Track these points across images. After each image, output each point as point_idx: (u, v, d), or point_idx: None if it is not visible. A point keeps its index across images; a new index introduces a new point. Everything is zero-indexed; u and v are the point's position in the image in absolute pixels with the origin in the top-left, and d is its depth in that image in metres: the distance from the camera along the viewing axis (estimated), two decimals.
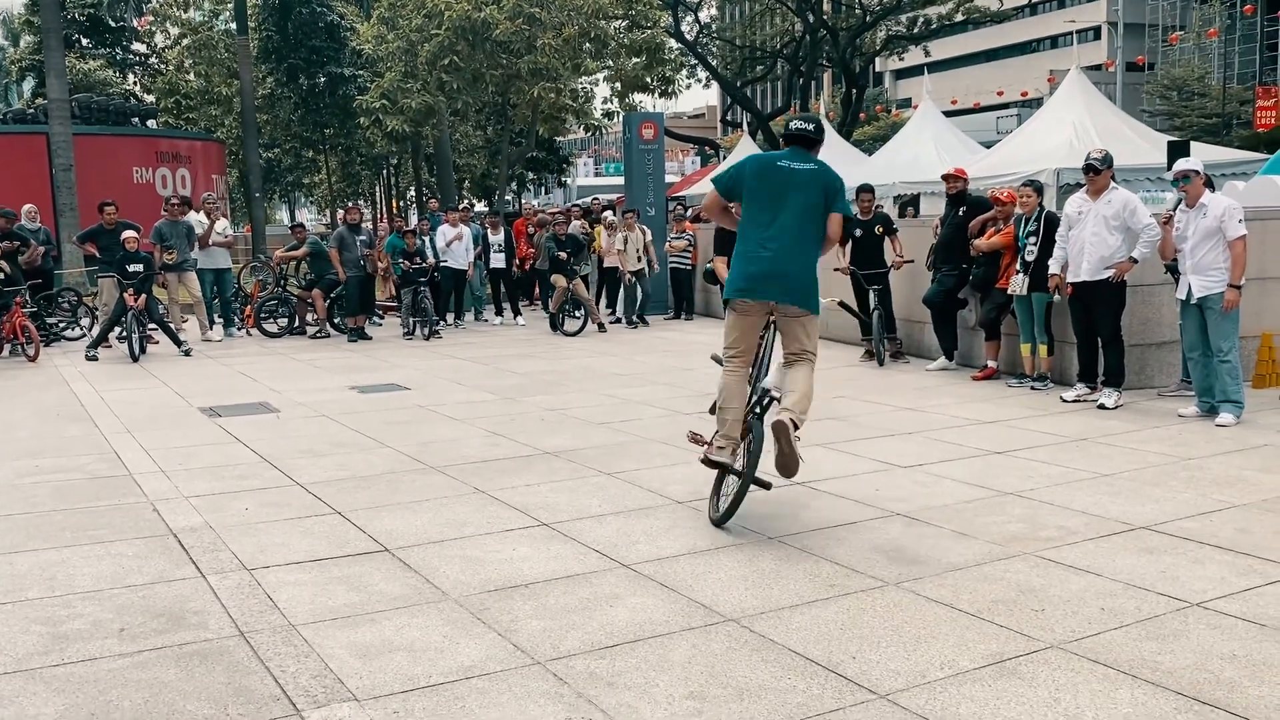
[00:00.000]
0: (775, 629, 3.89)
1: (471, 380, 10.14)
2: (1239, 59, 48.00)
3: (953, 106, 44.79)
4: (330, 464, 6.67)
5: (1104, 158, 8.01)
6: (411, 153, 35.68)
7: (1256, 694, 3.29)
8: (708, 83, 40.68)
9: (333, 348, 13.21)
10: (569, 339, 13.77)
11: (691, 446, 6.31)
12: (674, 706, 3.28)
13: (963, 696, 3.31)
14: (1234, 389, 7.40)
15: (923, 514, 5.33)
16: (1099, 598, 4.14)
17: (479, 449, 7.02)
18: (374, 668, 3.60)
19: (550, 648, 3.74)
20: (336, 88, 31.34)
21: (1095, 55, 51.10)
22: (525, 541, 4.98)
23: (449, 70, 22.44)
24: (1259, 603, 4.05)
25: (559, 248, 14.51)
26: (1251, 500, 5.46)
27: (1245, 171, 16.25)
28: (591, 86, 28.46)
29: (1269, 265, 8.98)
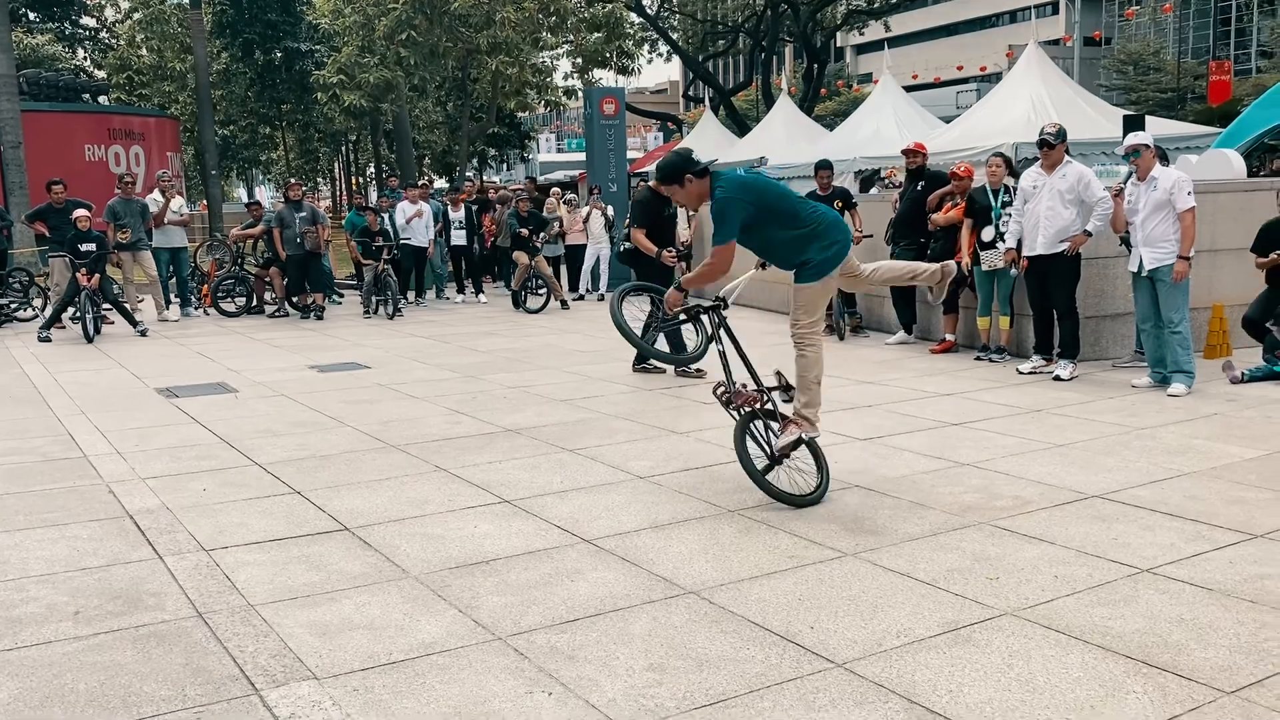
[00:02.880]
0: (735, 600, 3.92)
1: (433, 358, 10.09)
2: (1193, 33, 48.54)
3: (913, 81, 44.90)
4: (289, 443, 6.62)
5: (1058, 132, 8.08)
6: (370, 129, 35.28)
7: (1202, 656, 3.37)
8: (669, 57, 40.48)
9: (292, 327, 13.08)
10: (532, 316, 13.73)
11: (661, 425, 6.36)
12: (634, 678, 3.31)
13: (918, 664, 3.37)
14: (1185, 359, 7.53)
15: (881, 485, 5.39)
16: (1052, 565, 4.21)
17: (440, 427, 6.99)
18: (334, 646, 3.59)
19: (511, 623, 3.76)
20: (293, 63, 30.89)
21: (1053, 30, 51.42)
22: (487, 519, 4.98)
23: (407, 44, 22.19)
24: (1206, 568, 4.14)
25: (521, 224, 14.44)
26: (1201, 468, 5.57)
27: (1199, 145, 16.47)
28: (552, 62, 28.28)
29: (1220, 237, 9.13)
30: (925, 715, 3.04)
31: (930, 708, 3.08)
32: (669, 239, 8.82)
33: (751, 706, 3.12)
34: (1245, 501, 4.96)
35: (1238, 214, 9.23)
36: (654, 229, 8.68)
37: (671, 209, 8.93)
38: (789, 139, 23.92)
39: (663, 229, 8.78)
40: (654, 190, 8.71)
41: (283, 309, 14.20)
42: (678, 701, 3.15)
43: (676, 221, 9.02)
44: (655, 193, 8.69)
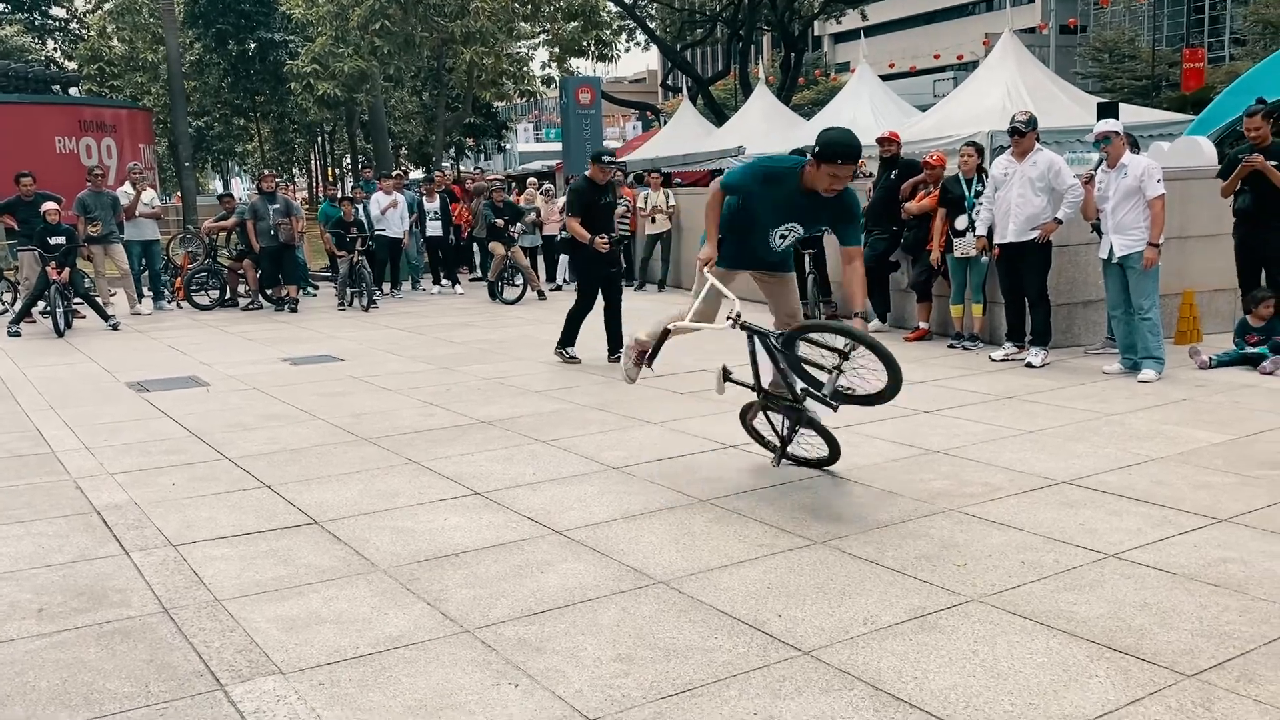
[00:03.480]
0: (704, 590, 3.93)
1: (407, 350, 10.05)
2: (1168, 21, 48.81)
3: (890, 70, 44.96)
4: (260, 437, 6.58)
5: (1028, 120, 8.11)
6: (346, 119, 35.07)
7: (1164, 639, 3.40)
8: (647, 46, 40.38)
9: (265, 319, 13.00)
10: (508, 307, 13.70)
11: (635, 416, 6.35)
12: (601, 669, 3.31)
13: (884, 651, 3.38)
14: (1155, 346, 7.59)
15: (851, 473, 5.41)
16: (1020, 551, 4.24)
17: (413, 419, 6.97)
18: (300, 640, 3.57)
19: (480, 616, 3.75)
20: (267, 53, 30.66)
21: (1029, 18, 51.60)
22: (457, 511, 4.97)
23: (381, 34, 22.05)
24: (1171, 552, 4.17)
25: (496, 214, 14.39)
26: (1169, 454, 5.62)
27: (1171, 132, 16.55)
28: (529, 51, 28.17)
29: (1190, 224, 9.19)
30: (890, 702, 3.05)
31: (895, 694, 3.09)
32: (605, 226, 8.94)
33: (718, 695, 3.12)
34: (1211, 486, 5.01)
35: (1208, 201, 9.28)
36: (590, 217, 8.84)
37: (608, 198, 9.06)
38: (767, 128, 23.87)
39: (598, 217, 8.91)
40: (590, 179, 8.92)
41: (256, 301, 14.11)
42: (644, 691, 3.16)
43: (614, 210, 9.15)
44: (591, 181, 8.96)
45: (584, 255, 8.95)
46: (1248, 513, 4.60)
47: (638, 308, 12.87)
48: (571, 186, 9.52)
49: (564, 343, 9.11)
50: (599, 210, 8.94)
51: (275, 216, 13.64)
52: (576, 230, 8.79)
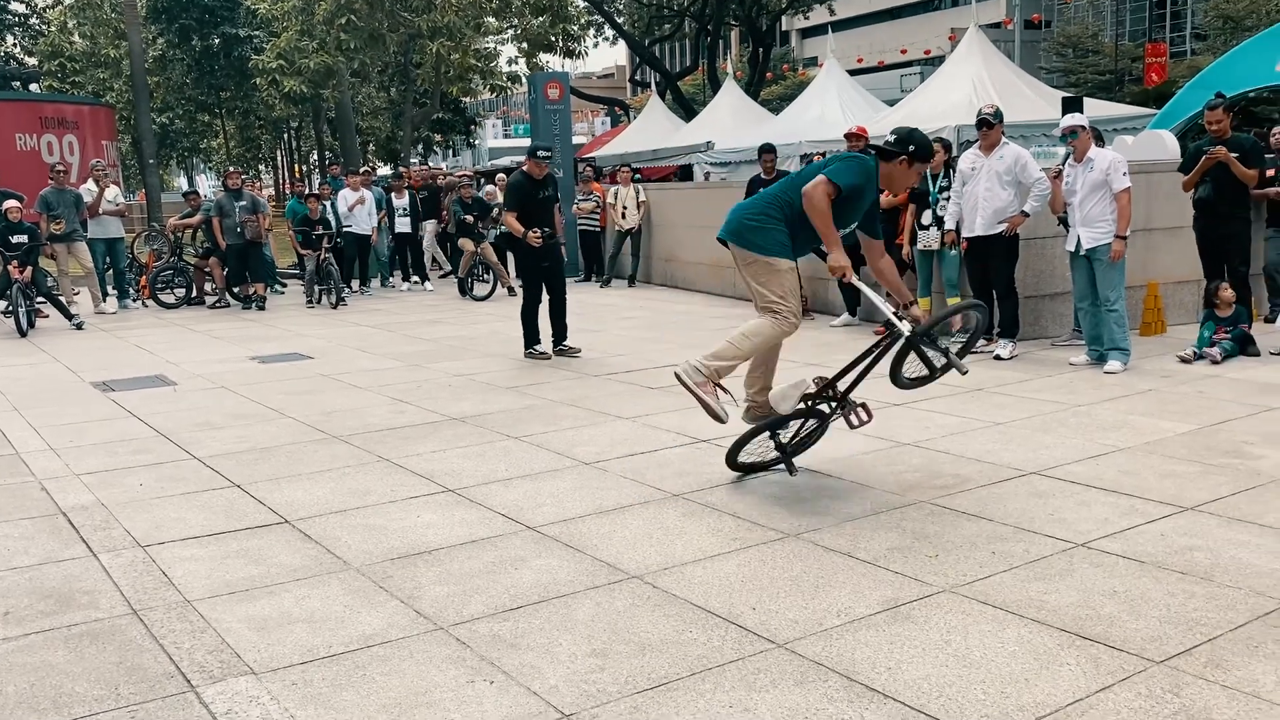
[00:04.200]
0: (678, 584, 3.94)
1: (377, 348, 9.99)
2: (1130, 16, 49.32)
3: (857, 65, 45.23)
4: (229, 436, 6.52)
5: (995, 113, 8.18)
6: (312, 115, 34.79)
7: (1133, 627, 3.44)
8: (615, 41, 40.32)
9: (232, 318, 12.88)
10: (478, 303, 13.65)
11: (606, 411, 6.32)
12: (576, 664, 3.30)
13: (858, 642, 3.40)
14: (1121, 337, 7.67)
15: (824, 466, 5.44)
16: (990, 542, 4.28)
17: (383, 417, 6.93)
18: (272, 640, 3.54)
19: (454, 613, 3.73)
20: (231, 48, 30.36)
21: (994, 13, 51.95)
22: (430, 508, 4.95)
23: (347, 29, 21.88)
24: (1139, 541, 4.23)
25: (465, 211, 14.33)
26: (1136, 444, 5.69)
27: (1135, 126, 16.75)
28: (496, 46, 28.05)
29: (1155, 217, 9.30)
30: (864, 693, 3.07)
31: (869, 685, 3.11)
32: (544, 220, 8.94)
33: (693, 689, 3.13)
34: (1177, 475, 5.07)
35: (1172, 193, 9.39)
36: (528, 212, 8.85)
37: (546, 192, 9.03)
38: (735, 123, 23.94)
39: (536, 212, 8.90)
40: (527, 174, 8.94)
41: (223, 300, 13.97)
42: (619, 686, 3.16)
43: (554, 205, 9.12)
44: (528, 176, 8.97)
45: (521, 250, 9.02)
46: (1212, 501, 4.67)
47: (609, 303, 12.89)
48: (509, 182, 9.55)
49: (529, 342, 9.09)
50: (537, 205, 8.95)
51: (241, 214, 13.49)
52: (512, 225, 8.86)
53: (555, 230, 9.11)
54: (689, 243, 14.41)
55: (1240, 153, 7.92)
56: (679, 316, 11.67)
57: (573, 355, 9.00)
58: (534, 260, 8.97)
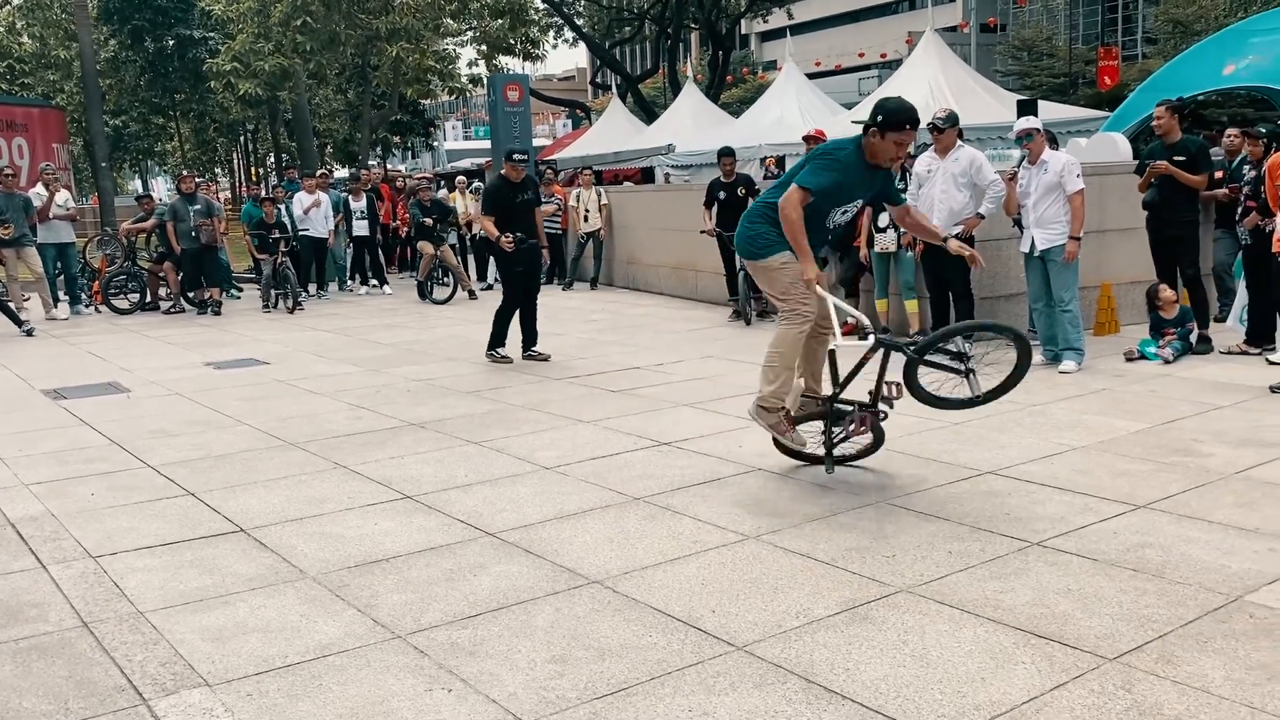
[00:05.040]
0: (638, 588, 3.93)
1: (334, 353, 9.90)
2: (1083, 20, 50.07)
3: (816, 69, 45.55)
4: (183, 444, 6.43)
5: (947, 117, 8.25)
6: (269, 118, 34.41)
7: (1087, 625, 3.48)
8: (575, 44, 40.28)
9: (187, 323, 12.71)
10: (438, 307, 13.56)
11: (568, 415, 6.31)
12: (535, 671, 3.29)
13: (816, 644, 3.41)
14: (1076, 337, 7.77)
15: (783, 467, 5.46)
16: (947, 541, 4.31)
17: (341, 423, 6.86)
18: (227, 651, 3.49)
19: (411, 621, 3.70)
20: (186, 50, 29.99)
21: (950, 17, 52.49)
22: (388, 515, 4.91)
23: (304, 31, 21.68)
24: (1093, 539, 4.28)
25: (424, 214, 14.24)
26: (1090, 442, 5.76)
27: (1088, 129, 16.99)
28: (455, 49, 27.91)
29: (1108, 218, 9.44)
30: (822, 695, 3.08)
31: (828, 686, 3.13)
32: (525, 224, 8.87)
33: (652, 693, 3.12)
34: (1130, 474, 5.15)
35: (1125, 195, 9.54)
36: (508, 216, 8.78)
37: (525, 195, 8.95)
38: (696, 126, 23.99)
39: (514, 216, 8.82)
40: (504, 178, 8.84)
41: (178, 305, 13.79)
42: (579, 692, 3.15)
43: (534, 208, 9.06)
44: (506, 180, 8.84)
45: (502, 253, 8.94)
46: (1164, 499, 4.74)
47: (571, 305, 12.86)
48: (486, 187, 9.48)
49: (494, 343, 9.05)
50: (518, 209, 8.86)
51: (196, 218, 13.32)
52: (487, 228, 8.79)
53: (537, 234, 9.04)
54: (650, 245, 14.42)
55: (1188, 156, 8.05)
56: (641, 319, 11.67)
57: (540, 360, 8.93)
58: (513, 264, 8.88)
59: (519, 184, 8.89)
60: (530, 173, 16.17)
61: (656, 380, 7.99)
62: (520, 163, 9.00)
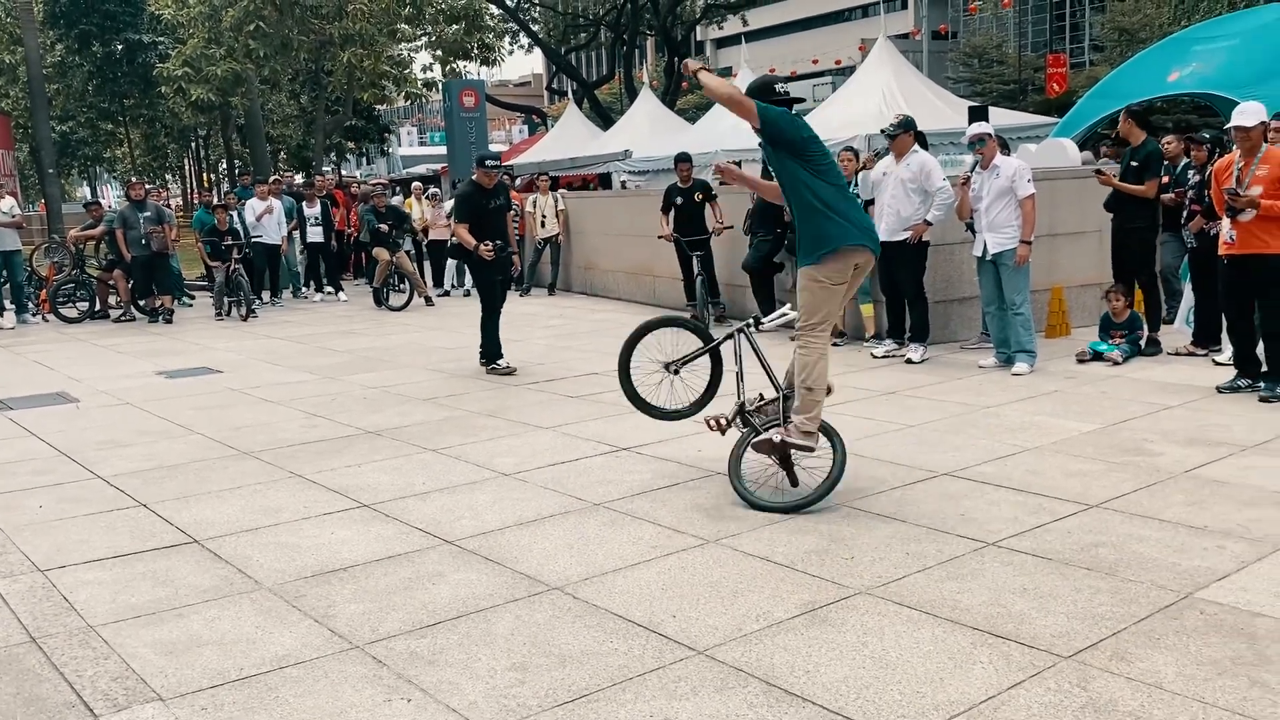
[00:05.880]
0: (598, 594, 3.92)
1: (288, 360, 9.79)
2: (1032, 28, 50.85)
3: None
4: (135, 454, 6.32)
5: (900, 123, 8.34)
6: (221, 124, 33.97)
7: (1043, 624, 3.53)
8: (531, 49, 40.23)
9: (138, 332, 12.51)
10: (394, 314, 13.46)
11: (526, 421, 6.26)
12: (496, 679, 3.27)
13: (777, 646, 3.42)
14: (1028, 340, 7.88)
15: (742, 470, 5.46)
16: (904, 543, 4.35)
17: (296, 431, 6.78)
18: (180, 664, 3.44)
19: (369, 631, 3.66)
20: (135, 55, 29.53)
21: (903, 24, 53.07)
22: (345, 524, 4.86)
23: (256, 36, 21.44)
24: (1047, 539, 4.34)
25: (379, 220, 14.13)
26: (1043, 443, 5.84)
27: (1038, 134, 17.25)
28: (410, 54, 27.75)
29: (1058, 223, 9.58)
30: (783, 697, 3.09)
31: (789, 689, 3.14)
32: (498, 230, 8.72)
33: (614, 700, 3.12)
34: (1082, 474, 5.22)
35: (1074, 199, 9.71)
36: (480, 223, 8.60)
37: (498, 201, 8.82)
38: (652, 132, 24.02)
39: (489, 222, 8.67)
40: (476, 184, 8.67)
41: (128, 313, 13.57)
42: (540, 700, 3.13)
43: (505, 214, 8.95)
44: (478, 186, 8.65)
45: (477, 263, 8.73)
46: (1116, 498, 4.82)
47: (529, 312, 12.82)
48: (458, 193, 9.26)
49: (492, 356, 8.77)
50: (489, 215, 8.70)
51: (146, 225, 13.11)
52: (464, 237, 8.54)
53: (509, 240, 8.91)
54: (608, 250, 14.42)
55: (1138, 161, 8.21)
56: (598, 324, 11.66)
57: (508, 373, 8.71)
58: (490, 273, 8.74)
59: (491, 190, 8.74)
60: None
61: (615, 386, 7.94)
62: (493, 168, 8.85)
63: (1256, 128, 6.60)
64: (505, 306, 8.97)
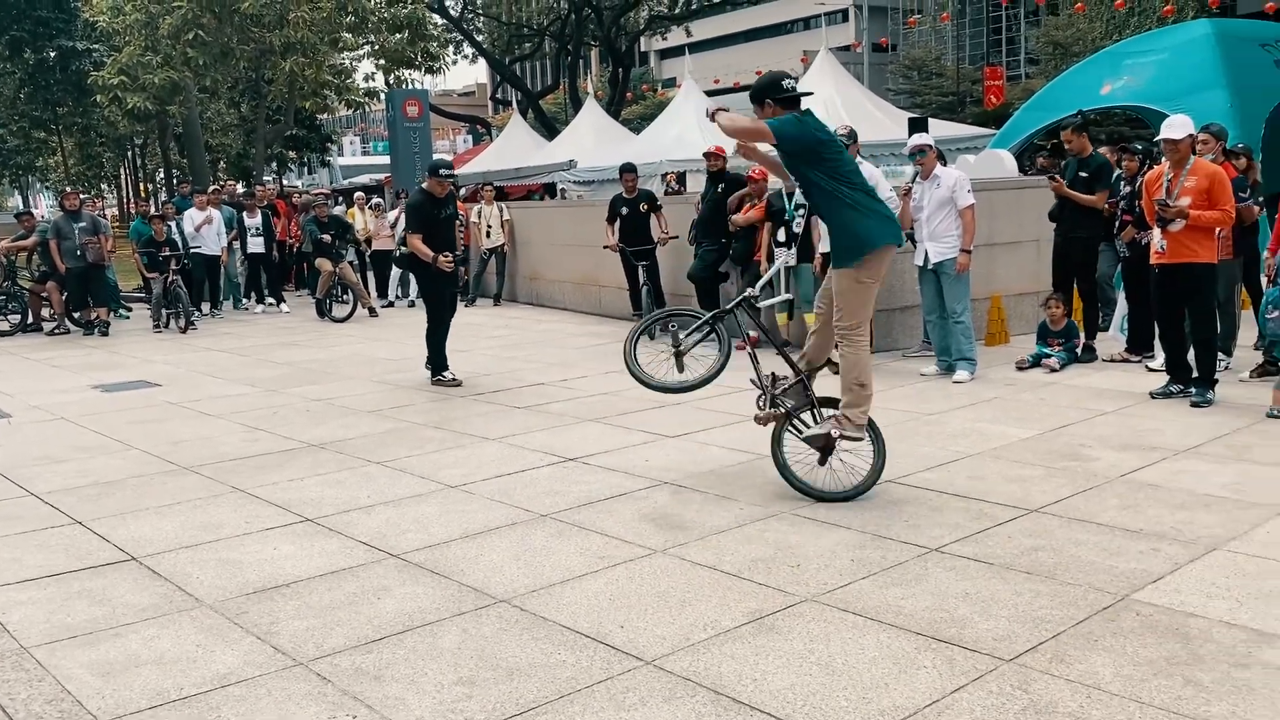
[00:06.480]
0: (546, 606, 3.91)
1: (229, 373, 9.63)
2: (969, 41, 51.85)
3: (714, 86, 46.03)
4: (70, 470, 6.17)
5: (848, 134, 8.44)
6: (159, 132, 33.35)
7: (985, 627, 3.59)
8: (475, 59, 40.09)
9: (73, 345, 12.23)
10: (337, 325, 13.31)
11: (473, 432, 6.22)
12: (443, 694, 3.24)
13: (724, 655, 3.44)
14: (968, 347, 8.02)
15: (689, 480, 5.50)
16: (850, 550, 4.39)
17: (237, 445, 6.68)
18: (118, 685, 3.36)
19: (314, 647, 3.62)
20: (69, 62, 28.90)
21: (844, 36, 53.80)
22: (287, 539, 4.79)
23: (194, 44, 21.07)
24: (989, 543, 4.41)
25: (322, 230, 13.98)
26: (983, 450, 5.94)
27: (976, 146, 17.58)
28: (352, 63, 27.49)
29: (997, 233, 9.76)
30: (731, 706, 3.11)
31: (736, 698, 3.15)
32: (447, 242, 8.62)
33: (562, 712, 3.11)
34: (1022, 479, 5.32)
35: (1012, 210, 9.91)
36: (431, 233, 8.45)
37: (448, 210, 8.73)
38: (597, 142, 24.06)
39: (438, 232, 8.53)
40: (427, 193, 8.55)
41: (63, 326, 13.26)
42: (487, 714, 3.11)
43: (454, 224, 8.84)
44: (429, 195, 8.51)
45: (429, 274, 8.55)
46: (1055, 503, 4.91)
47: (475, 322, 12.74)
48: (408, 203, 9.06)
49: (438, 368, 8.66)
50: (440, 225, 8.57)
51: (81, 235, 12.83)
52: (419, 248, 8.34)
53: (456, 250, 8.77)
54: (553, 261, 14.40)
55: (1088, 172, 8.41)
56: (545, 334, 11.64)
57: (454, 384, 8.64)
58: (443, 285, 8.58)
59: (443, 199, 8.62)
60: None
61: (562, 396, 7.97)
62: (447, 177, 8.71)
63: (1185, 140, 6.79)
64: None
